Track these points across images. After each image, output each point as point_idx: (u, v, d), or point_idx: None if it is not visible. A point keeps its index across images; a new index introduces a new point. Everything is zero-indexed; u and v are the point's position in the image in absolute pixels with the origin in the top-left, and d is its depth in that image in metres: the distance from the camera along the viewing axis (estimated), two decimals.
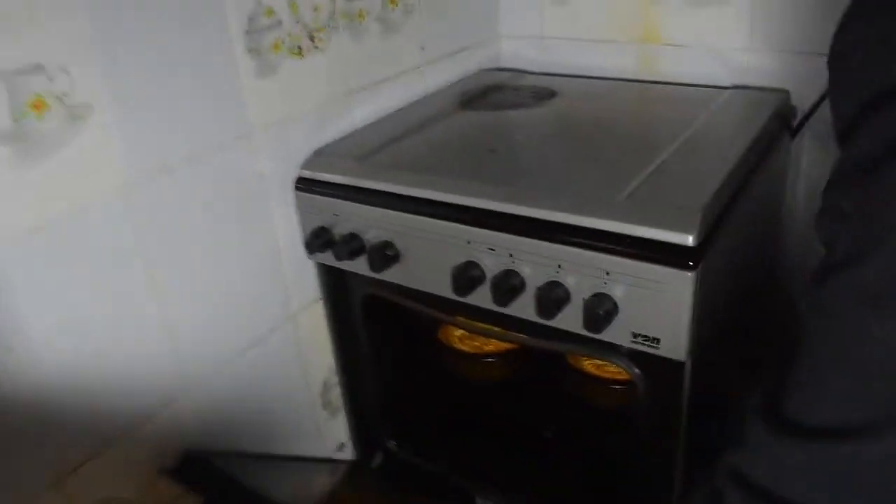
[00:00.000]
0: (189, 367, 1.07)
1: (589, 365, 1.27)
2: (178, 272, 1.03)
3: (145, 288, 0.98)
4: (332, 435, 1.40)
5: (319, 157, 1.17)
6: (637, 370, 0.96)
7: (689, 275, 0.82)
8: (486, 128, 1.25)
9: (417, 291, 1.10)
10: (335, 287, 1.25)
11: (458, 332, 1.39)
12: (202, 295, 1.07)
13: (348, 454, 1.44)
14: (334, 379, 1.36)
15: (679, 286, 0.83)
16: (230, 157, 1.07)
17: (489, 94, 1.41)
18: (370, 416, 1.39)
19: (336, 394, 1.38)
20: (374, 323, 1.28)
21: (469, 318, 1.11)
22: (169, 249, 1.00)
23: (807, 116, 1.28)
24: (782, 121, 1.25)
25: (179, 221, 1.01)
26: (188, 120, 0.99)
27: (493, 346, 1.35)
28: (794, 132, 1.28)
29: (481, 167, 1.09)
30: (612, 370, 1.24)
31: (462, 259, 0.99)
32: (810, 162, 1.32)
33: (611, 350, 0.96)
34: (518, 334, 1.07)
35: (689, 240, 0.83)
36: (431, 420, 1.43)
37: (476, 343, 1.36)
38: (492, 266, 0.97)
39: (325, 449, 1.39)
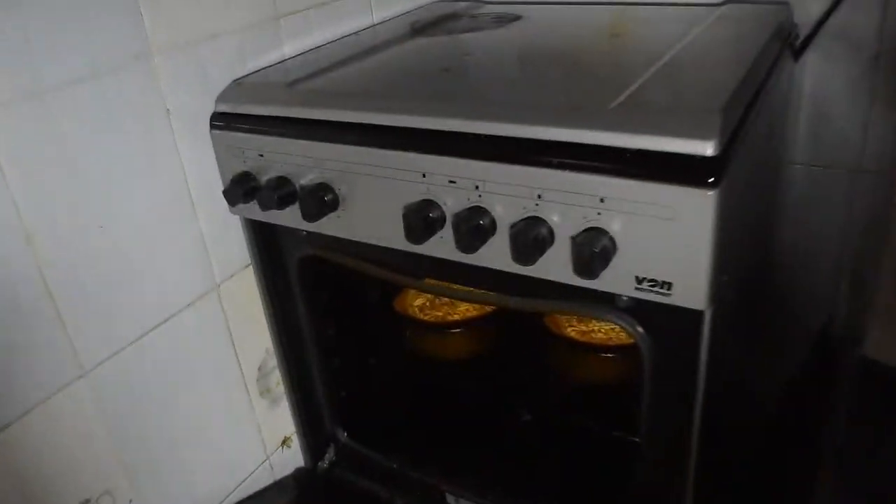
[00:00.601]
0: (84, 351, 0.85)
1: (573, 331, 1.08)
2: (65, 233, 0.81)
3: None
4: (274, 428, 1.19)
5: (240, 87, 0.96)
6: (640, 328, 0.77)
7: (710, 194, 0.63)
8: (440, 52, 1.05)
9: (363, 246, 0.89)
10: (265, 248, 1.04)
11: (418, 301, 1.19)
12: (91, 264, 0.85)
13: (295, 451, 1.23)
14: (272, 361, 1.15)
15: (696, 210, 0.64)
16: (122, 82, 0.85)
17: (444, 21, 1.21)
18: (317, 404, 1.18)
19: (276, 379, 1.17)
20: (316, 291, 1.08)
21: (428, 275, 0.91)
22: (52, 204, 0.79)
23: (812, 34, 1.10)
24: (784, 39, 1.07)
25: (56, 163, 0.80)
26: (66, 31, 0.77)
27: (459, 314, 1.15)
28: (798, 53, 1.10)
29: (435, 88, 0.89)
30: (601, 335, 1.06)
31: (416, 198, 0.79)
32: (815, 86, 1.15)
33: (606, 305, 0.77)
34: (488, 292, 0.87)
35: (709, 148, 0.64)
36: (389, 405, 1.24)
37: (439, 312, 1.16)
38: (454, 204, 0.77)
39: (268, 444, 1.18)
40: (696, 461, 0.82)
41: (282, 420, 1.19)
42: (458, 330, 1.12)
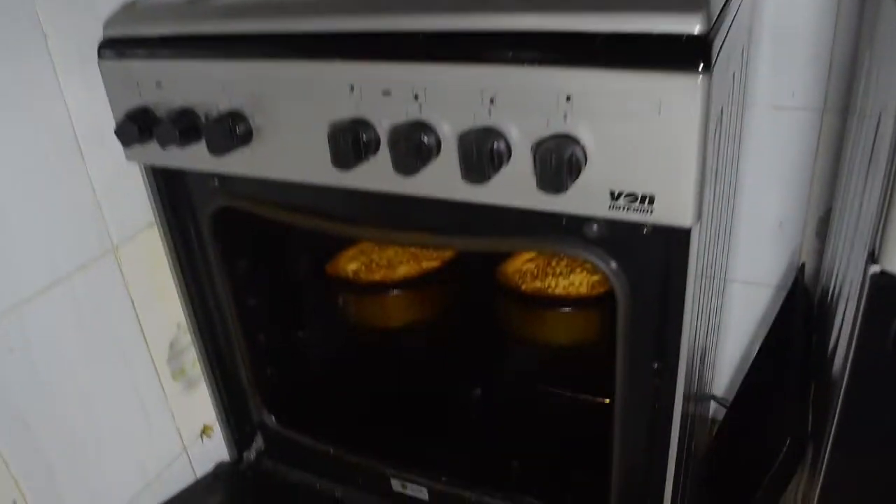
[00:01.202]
0: None
1: (528, 288, 0.96)
2: None
3: None
4: (191, 416, 1.04)
5: (133, 7, 0.82)
6: (614, 263, 0.66)
7: (699, 79, 0.52)
8: None
9: (285, 189, 0.76)
10: (172, 202, 0.90)
11: (352, 265, 1.05)
12: None
13: (217, 441, 1.08)
14: (186, 338, 1.00)
15: (682, 102, 0.53)
16: None
17: None
18: (240, 387, 1.03)
19: (191, 358, 1.02)
20: (234, 253, 0.94)
21: (362, 218, 0.78)
22: None
23: None
24: None
25: None
26: None
27: (402, 271, 1.02)
28: None
29: None
30: (559, 291, 0.94)
31: (344, 115, 0.66)
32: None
33: (574, 236, 0.65)
34: (434, 235, 0.74)
35: (696, 25, 0.52)
36: (324, 385, 1.10)
37: (377, 276, 1.03)
38: (389, 121, 0.65)
39: (185, 435, 1.02)
40: (682, 423, 0.72)
41: (200, 406, 1.04)
42: (397, 291, 0.99)
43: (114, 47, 0.79)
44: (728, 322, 1.21)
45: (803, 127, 1.06)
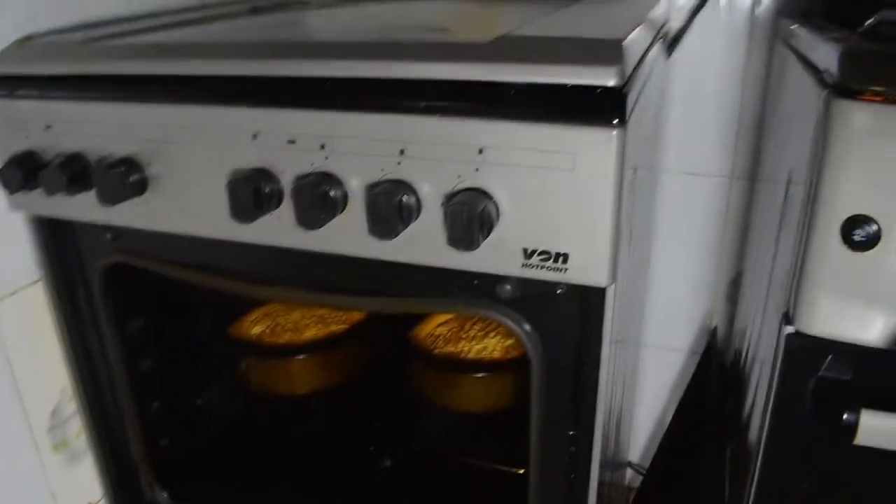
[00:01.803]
0: None
1: (440, 354, 0.92)
2: None
3: None
4: (74, 492, 0.94)
5: (24, 45, 0.77)
6: (527, 326, 0.63)
7: (614, 133, 0.51)
8: (280, 21, 0.90)
9: (181, 244, 0.71)
10: (59, 256, 0.83)
11: (256, 329, 0.99)
12: None
13: None
14: (71, 406, 0.92)
15: (597, 156, 0.52)
16: None
17: (289, 4, 1.06)
18: (131, 459, 0.95)
19: (76, 428, 0.93)
20: (127, 312, 0.87)
21: (264, 277, 0.73)
22: None
23: (684, 28, 1.05)
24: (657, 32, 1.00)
25: None
26: None
27: (310, 333, 0.97)
28: (671, 48, 1.04)
29: (268, 37, 0.73)
30: (478, 347, 0.90)
31: (246, 164, 0.62)
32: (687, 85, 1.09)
33: (486, 298, 0.62)
34: (339, 296, 0.70)
35: (611, 77, 0.52)
36: (224, 456, 1.02)
37: (281, 340, 0.97)
38: (293, 172, 0.61)
39: None
40: (598, 491, 0.68)
41: (85, 481, 0.95)
42: (303, 356, 0.94)
43: (1, 86, 0.74)
44: (643, 386, 1.20)
45: (713, 192, 1.08)
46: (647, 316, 1.15)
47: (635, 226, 0.70)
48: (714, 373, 1.00)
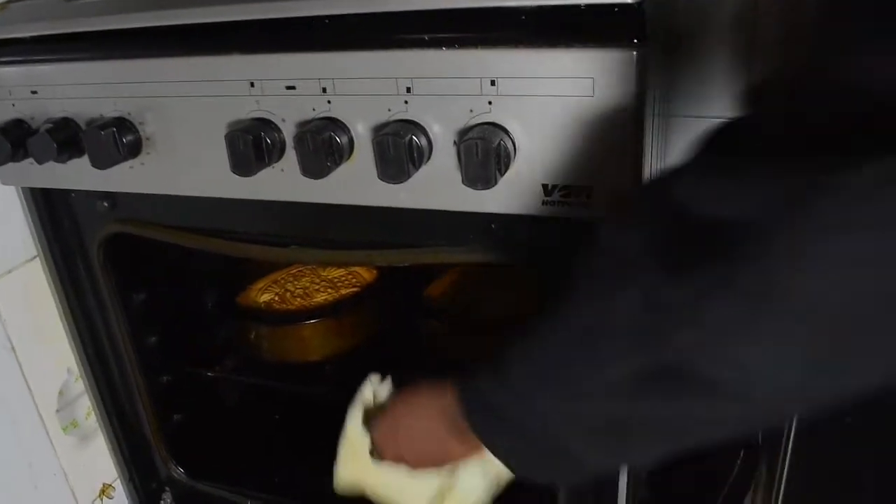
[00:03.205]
0: None
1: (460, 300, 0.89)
2: None
3: None
4: (87, 474, 0.92)
5: (5, 8, 0.73)
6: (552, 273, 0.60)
7: (635, 54, 0.47)
8: None
9: (181, 207, 0.69)
10: (56, 230, 0.80)
11: (265, 296, 0.97)
12: None
13: (120, 501, 0.97)
14: (78, 385, 0.89)
15: (618, 79, 0.48)
16: None
17: None
18: (144, 437, 0.93)
19: (84, 407, 0.91)
20: (129, 284, 0.84)
21: (268, 236, 0.70)
22: None
23: None
24: None
25: None
26: None
27: (320, 298, 0.94)
28: None
29: None
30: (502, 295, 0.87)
31: (244, 116, 0.59)
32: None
33: (505, 241, 0.59)
34: (348, 251, 0.67)
35: None
36: (237, 425, 1.00)
37: (292, 307, 0.94)
38: (295, 119, 0.58)
39: (80, 497, 0.91)
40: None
41: (98, 462, 0.93)
42: (314, 321, 0.91)
43: None
44: None
45: None
46: None
47: (657, 158, 0.66)
48: None
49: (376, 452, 0.63)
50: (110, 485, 0.95)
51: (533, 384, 0.45)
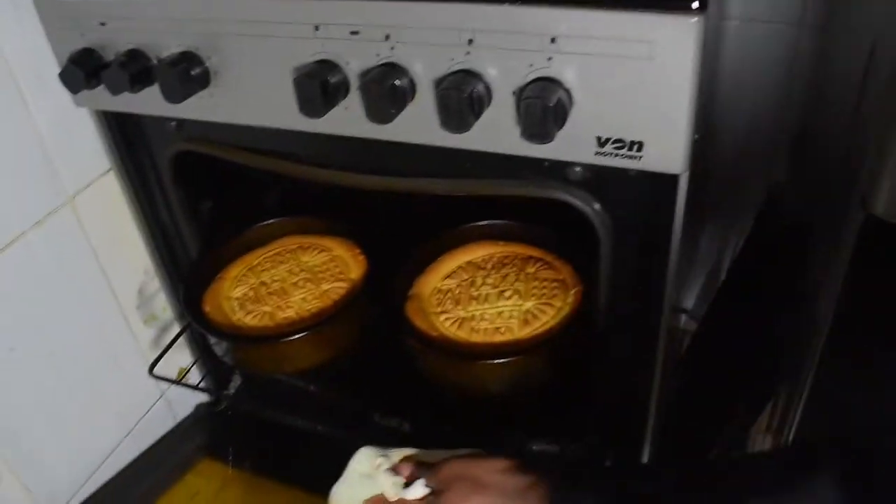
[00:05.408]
0: None
1: (448, 321, 0.82)
2: None
3: None
4: (167, 360, 1.01)
5: None
6: (597, 205, 0.64)
7: (694, 21, 0.49)
8: None
9: (248, 133, 0.72)
10: (127, 147, 0.85)
11: (240, 287, 0.92)
12: None
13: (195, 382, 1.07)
14: (154, 283, 0.97)
15: (677, 45, 0.50)
16: None
17: None
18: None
19: (161, 303, 0.99)
20: (197, 195, 0.90)
21: (333, 161, 0.74)
22: None
23: None
24: None
25: None
26: None
27: (294, 305, 0.88)
28: None
29: None
30: (491, 311, 0.82)
31: (309, 58, 0.62)
32: None
33: (555, 179, 0.63)
34: (410, 178, 0.71)
35: None
36: None
37: (266, 307, 0.89)
38: (359, 63, 0.61)
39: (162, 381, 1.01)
40: (663, 356, 0.72)
41: (175, 349, 1.02)
42: (293, 337, 0.81)
43: None
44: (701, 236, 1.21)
45: (778, 42, 1.03)
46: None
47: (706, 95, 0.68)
48: (774, 230, 1.00)
49: None
50: (186, 368, 1.05)
51: None
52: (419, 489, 0.62)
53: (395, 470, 0.67)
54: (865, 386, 0.60)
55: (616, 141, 0.55)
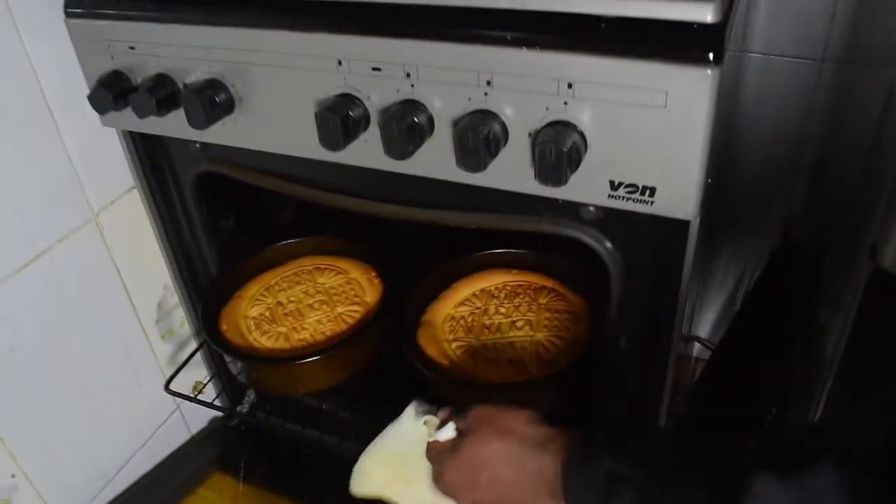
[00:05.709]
0: None
1: (457, 347, 0.84)
2: None
3: None
4: (183, 374, 1.03)
5: None
6: (609, 244, 0.64)
7: (709, 73, 0.49)
8: None
9: (270, 158, 0.74)
10: (152, 166, 0.87)
11: (256, 307, 0.94)
12: None
13: (210, 397, 1.08)
14: (173, 298, 0.99)
15: (691, 95, 0.51)
16: None
17: None
18: None
19: (180, 318, 1.01)
20: (219, 214, 0.91)
21: (349, 190, 0.75)
22: None
23: None
24: None
25: None
26: None
27: (309, 327, 0.90)
28: None
29: None
30: (503, 342, 0.83)
31: (331, 92, 0.63)
32: None
33: (568, 218, 0.64)
34: (425, 210, 0.72)
35: (708, 13, 0.49)
36: None
37: (282, 327, 0.91)
38: (379, 98, 0.62)
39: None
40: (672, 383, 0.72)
41: (191, 364, 1.04)
42: (311, 359, 0.82)
43: (81, 5, 0.74)
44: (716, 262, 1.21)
45: (799, 76, 1.03)
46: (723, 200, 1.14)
47: (721, 138, 0.69)
48: (788, 262, 1.00)
49: (440, 483, 0.64)
50: (202, 382, 1.07)
51: None
52: (449, 431, 0.66)
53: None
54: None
55: (629, 185, 0.56)
